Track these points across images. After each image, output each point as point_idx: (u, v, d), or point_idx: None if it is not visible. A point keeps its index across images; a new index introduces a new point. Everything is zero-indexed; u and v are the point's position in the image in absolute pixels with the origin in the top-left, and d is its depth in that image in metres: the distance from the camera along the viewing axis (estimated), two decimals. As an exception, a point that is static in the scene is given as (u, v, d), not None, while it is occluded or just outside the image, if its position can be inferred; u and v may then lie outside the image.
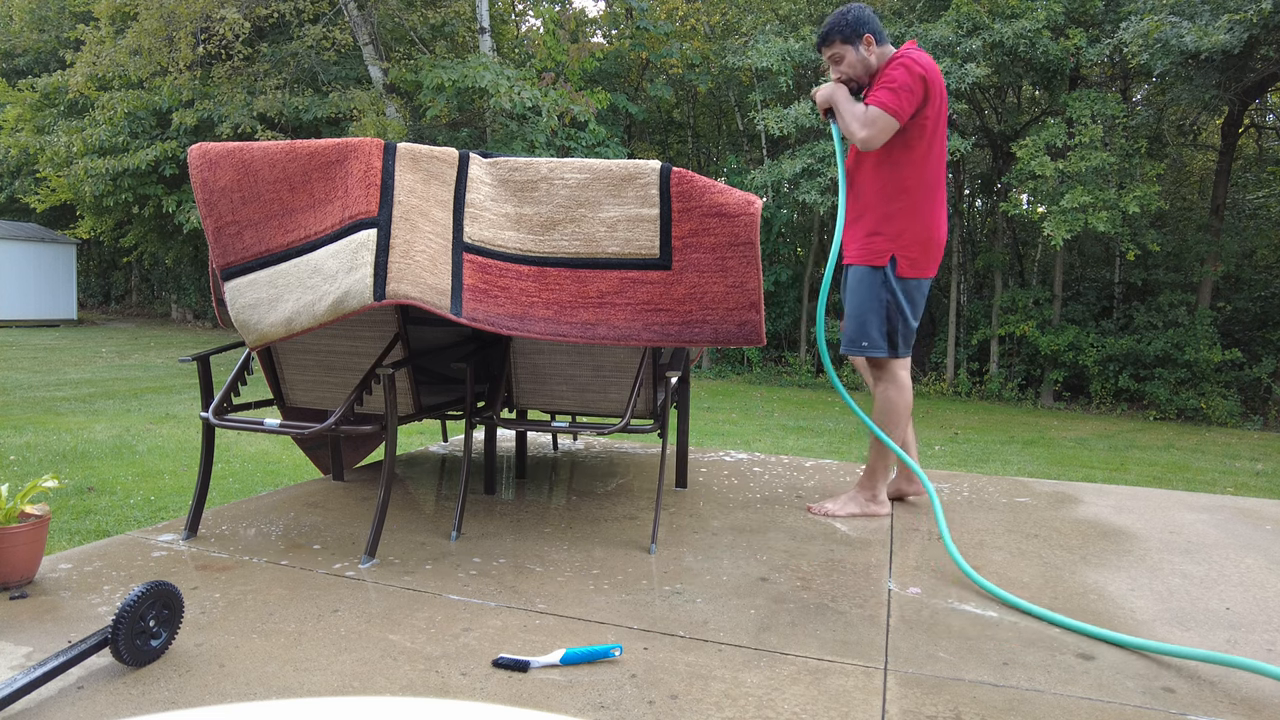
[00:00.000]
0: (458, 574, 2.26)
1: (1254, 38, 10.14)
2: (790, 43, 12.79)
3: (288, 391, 2.79)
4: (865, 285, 2.87)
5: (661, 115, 17.68)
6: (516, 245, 2.40)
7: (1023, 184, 12.01)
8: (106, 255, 24.05)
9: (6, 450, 5.51)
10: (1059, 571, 2.43)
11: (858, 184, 2.89)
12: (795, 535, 2.71)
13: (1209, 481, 7.02)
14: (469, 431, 2.76)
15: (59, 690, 1.57)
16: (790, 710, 1.58)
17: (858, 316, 2.87)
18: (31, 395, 8.41)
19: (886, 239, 2.82)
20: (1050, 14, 11.25)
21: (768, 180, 12.76)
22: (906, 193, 2.79)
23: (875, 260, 2.84)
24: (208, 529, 2.60)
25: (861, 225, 2.88)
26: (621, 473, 3.55)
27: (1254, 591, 2.32)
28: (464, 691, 1.61)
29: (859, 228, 2.89)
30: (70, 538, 3.66)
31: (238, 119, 13.69)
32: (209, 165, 2.28)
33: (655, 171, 2.37)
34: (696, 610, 2.05)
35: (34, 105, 17.38)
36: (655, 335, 2.42)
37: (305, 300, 2.20)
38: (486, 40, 13.52)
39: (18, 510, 2.06)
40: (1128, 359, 12.47)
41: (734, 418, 9.56)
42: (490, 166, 2.43)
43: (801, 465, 3.86)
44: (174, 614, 1.73)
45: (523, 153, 12.19)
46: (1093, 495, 3.43)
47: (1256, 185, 15.14)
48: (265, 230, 2.27)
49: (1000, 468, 7.06)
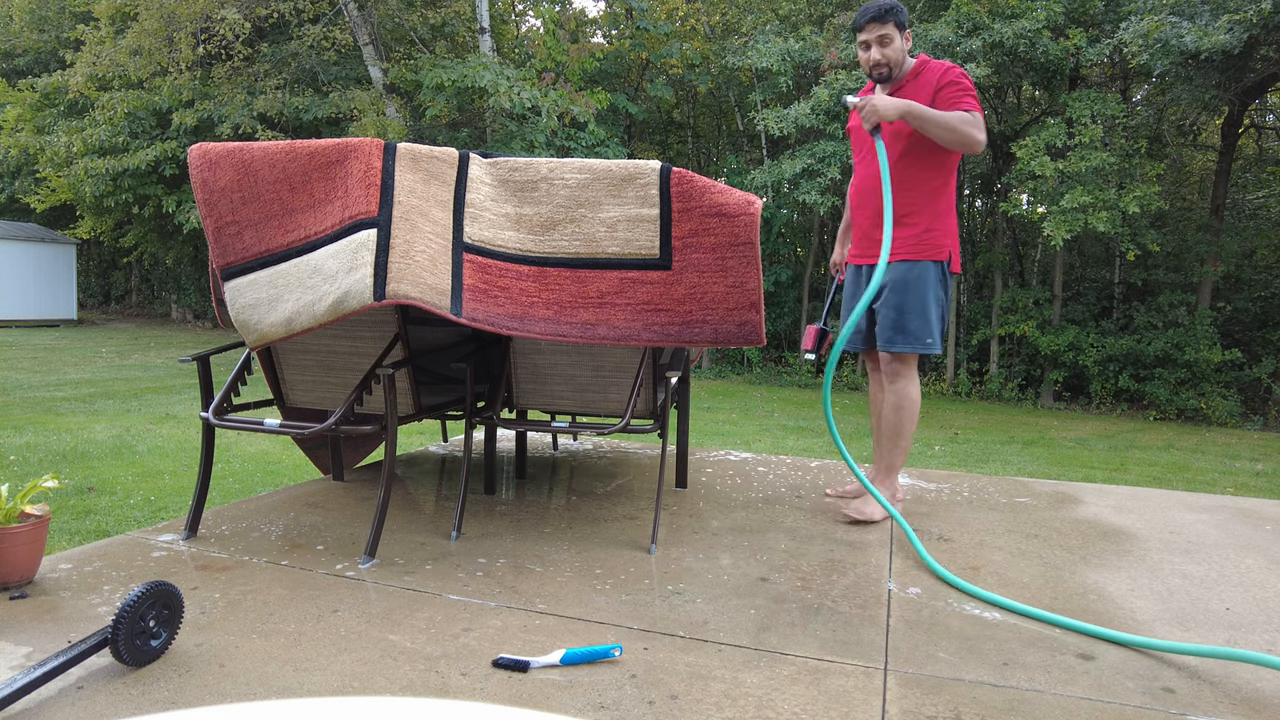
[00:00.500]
0: (458, 574, 2.26)
1: (1254, 38, 10.14)
2: (790, 43, 12.79)
3: (288, 391, 2.79)
4: (925, 280, 2.86)
5: (661, 115, 17.68)
6: (516, 245, 2.40)
7: (1023, 184, 12.01)
8: (106, 255, 24.05)
9: (6, 450, 5.51)
10: (1059, 571, 2.43)
11: (903, 184, 2.84)
12: (795, 535, 2.71)
13: (1209, 482, 7.02)
14: (469, 431, 2.76)
15: (59, 690, 1.57)
16: (790, 710, 1.58)
17: (920, 312, 2.83)
18: (31, 395, 8.41)
19: (941, 234, 2.86)
20: (1050, 14, 11.25)
21: (768, 180, 12.76)
22: (949, 193, 2.90)
23: (936, 254, 2.85)
24: (208, 529, 2.60)
25: (912, 224, 2.85)
26: (621, 473, 3.55)
27: (1254, 591, 2.32)
28: (464, 691, 1.61)
29: (908, 227, 2.86)
30: (70, 538, 3.66)
31: (238, 119, 13.68)
32: (209, 165, 2.28)
33: (655, 171, 2.37)
34: (696, 610, 2.05)
35: (34, 105, 17.37)
36: (655, 335, 2.42)
37: (305, 300, 2.20)
38: (486, 40, 13.51)
39: (18, 510, 2.06)
40: (1128, 359, 12.47)
41: (734, 418, 9.56)
42: (490, 166, 2.43)
43: (802, 465, 3.86)
44: (174, 614, 1.73)
45: (522, 153, 12.19)
46: (1093, 495, 3.43)
47: (1256, 185, 15.14)
48: (265, 230, 2.27)
49: (1000, 468, 7.06)
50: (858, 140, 3.01)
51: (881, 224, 2.82)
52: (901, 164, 2.86)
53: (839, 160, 12.09)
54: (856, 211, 3.04)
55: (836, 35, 13.02)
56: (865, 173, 2.97)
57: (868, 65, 2.87)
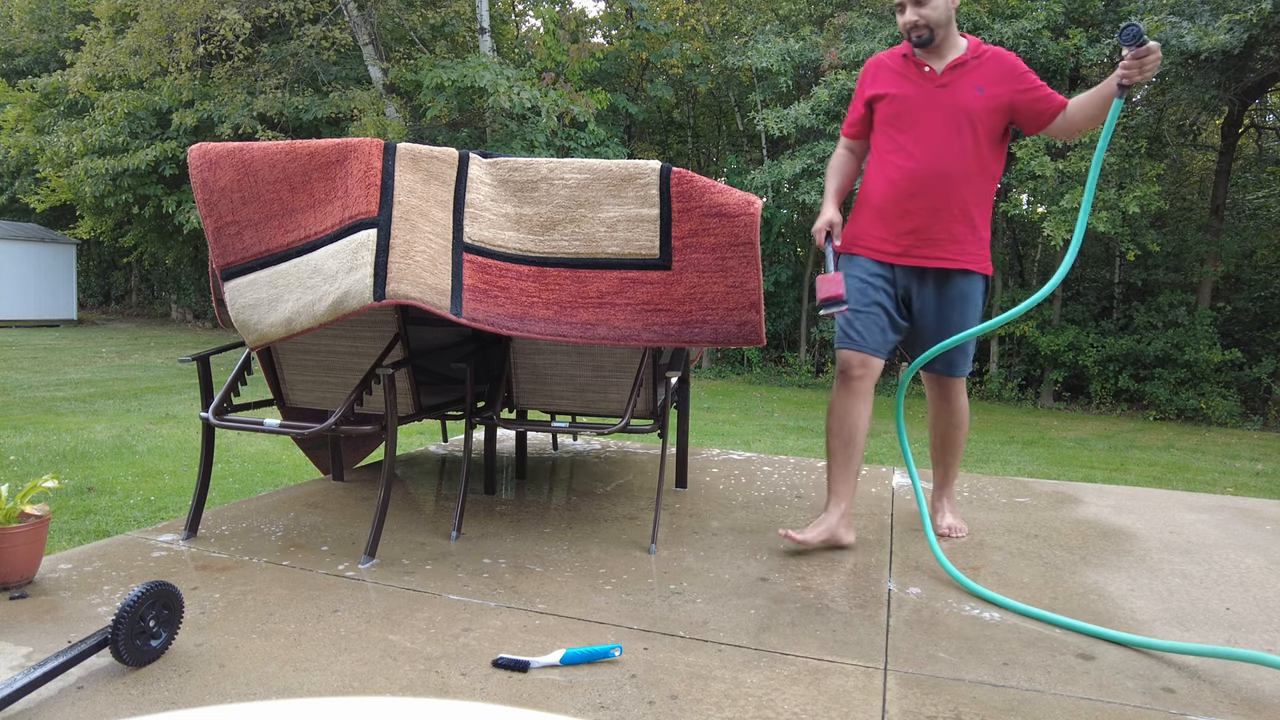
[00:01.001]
0: (458, 574, 2.26)
1: (1254, 38, 10.14)
2: (790, 43, 12.79)
3: (288, 391, 2.79)
4: (980, 297, 2.61)
5: (661, 115, 17.67)
6: (516, 245, 2.40)
7: (1022, 184, 12.01)
8: (106, 255, 24.04)
9: (6, 450, 5.51)
10: (1059, 571, 2.43)
11: (977, 178, 2.50)
12: (795, 535, 2.71)
13: (1209, 481, 7.02)
14: (469, 431, 2.76)
15: (59, 690, 1.57)
16: (790, 710, 1.58)
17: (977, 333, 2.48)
18: (31, 395, 8.41)
19: (986, 244, 2.58)
20: (1050, 14, 11.25)
21: (768, 180, 12.76)
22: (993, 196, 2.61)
23: (988, 269, 2.60)
24: (208, 529, 2.60)
25: (978, 230, 2.53)
26: (621, 473, 3.55)
27: (1254, 591, 2.32)
28: (464, 692, 1.61)
29: (975, 234, 2.53)
30: (70, 538, 3.66)
31: (238, 119, 13.68)
32: (209, 165, 2.28)
33: (655, 171, 2.37)
34: (696, 610, 2.05)
35: (34, 105, 17.36)
36: (655, 335, 2.42)
37: (305, 300, 2.20)
38: (486, 40, 13.51)
39: (18, 510, 2.06)
40: (1128, 359, 12.46)
41: (734, 418, 9.56)
42: (490, 166, 2.43)
43: (803, 465, 3.86)
44: (174, 614, 1.73)
45: (522, 153, 12.19)
46: (1093, 495, 3.43)
47: (1256, 185, 15.13)
48: (265, 230, 2.27)
49: (1000, 468, 7.06)
50: (923, 110, 2.49)
51: (950, 219, 2.47)
52: (978, 152, 2.48)
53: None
54: (909, 201, 2.50)
55: (836, 35, 13.03)
56: (930, 156, 2.47)
57: (905, 28, 2.48)
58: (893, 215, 2.54)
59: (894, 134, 2.54)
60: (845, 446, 2.57)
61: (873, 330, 2.54)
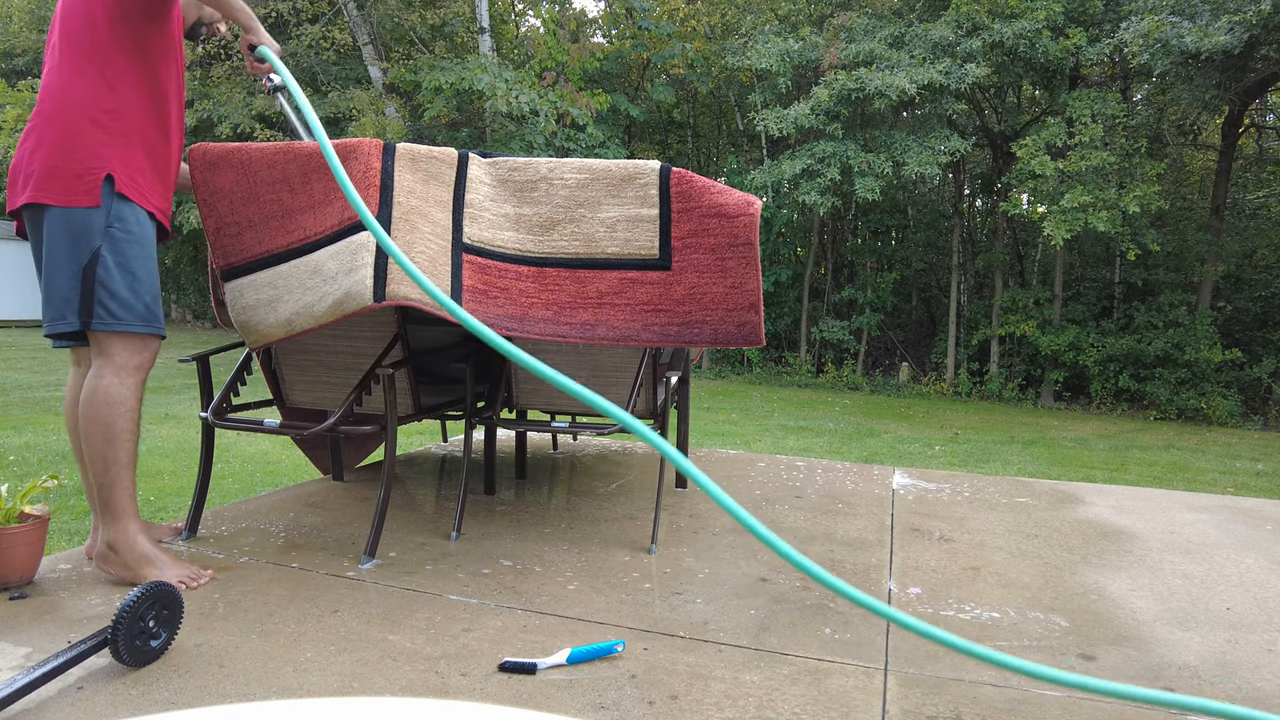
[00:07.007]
0: (458, 574, 2.26)
1: (1254, 38, 10.14)
2: (790, 43, 12.80)
3: (288, 391, 2.79)
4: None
5: (662, 115, 17.68)
6: (516, 246, 2.40)
7: (1023, 184, 12.03)
8: (106, 255, 24.01)
9: (6, 450, 5.51)
10: (1059, 571, 2.43)
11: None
12: (795, 535, 2.71)
13: (1209, 481, 7.02)
14: (469, 431, 2.76)
15: (59, 690, 1.56)
16: (790, 710, 1.58)
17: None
18: (31, 395, 8.41)
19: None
20: (1050, 14, 11.26)
21: (768, 180, 12.76)
22: None
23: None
24: (207, 529, 2.60)
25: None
26: (621, 473, 3.55)
27: (1254, 591, 2.32)
28: (464, 692, 1.61)
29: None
30: (70, 538, 3.66)
31: (237, 119, 13.68)
32: (208, 166, 2.28)
33: (655, 172, 2.37)
34: (696, 610, 2.05)
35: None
36: (655, 336, 2.41)
37: (305, 301, 2.20)
38: (486, 40, 13.51)
39: (18, 510, 2.06)
40: (1128, 359, 12.47)
41: (734, 418, 9.56)
42: (489, 167, 2.43)
43: (803, 465, 3.86)
44: (174, 614, 1.73)
45: (521, 153, 12.19)
46: (1093, 495, 3.43)
47: (1256, 185, 15.14)
48: (265, 231, 2.27)
49: (1000, 468, 7.06)
50: None
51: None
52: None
53: (839, 160, 12.09)
54: None
55: (836, 35, 13.03)
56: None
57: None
58: None
59: None
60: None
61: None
